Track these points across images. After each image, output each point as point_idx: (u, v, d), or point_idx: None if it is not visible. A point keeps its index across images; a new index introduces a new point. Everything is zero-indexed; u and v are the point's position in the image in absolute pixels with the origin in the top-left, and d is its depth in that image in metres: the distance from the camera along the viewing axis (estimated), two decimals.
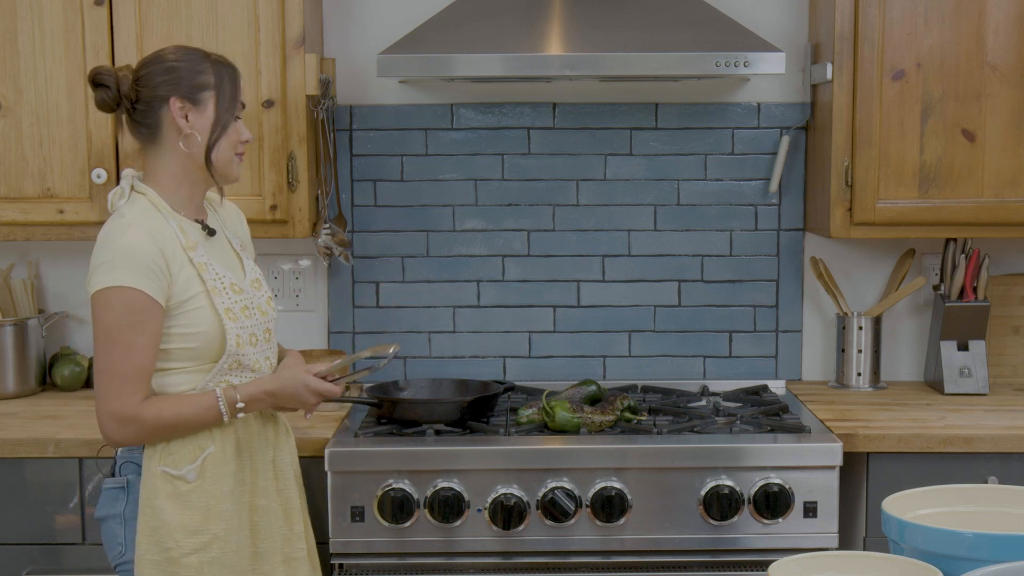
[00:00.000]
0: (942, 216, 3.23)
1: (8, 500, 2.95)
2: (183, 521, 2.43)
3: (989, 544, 1.76)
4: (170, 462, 2.44)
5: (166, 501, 2.43)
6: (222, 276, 2.49)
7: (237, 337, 2.47)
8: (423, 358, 3.61)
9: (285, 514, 2.59)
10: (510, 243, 3.58)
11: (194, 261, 2.45)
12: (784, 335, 3.62)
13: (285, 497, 2.60)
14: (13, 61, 3.13)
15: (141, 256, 2.37)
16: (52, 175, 3.17)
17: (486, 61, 3.08)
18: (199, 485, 2.45)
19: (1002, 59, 3.18)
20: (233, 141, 2.51)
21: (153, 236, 2.40)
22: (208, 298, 2.44)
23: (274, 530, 2.56)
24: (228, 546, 2.46)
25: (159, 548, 2.43)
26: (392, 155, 3.56)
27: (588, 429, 3.02)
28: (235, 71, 2.54)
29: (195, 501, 2.44)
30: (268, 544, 2.55)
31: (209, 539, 2.44)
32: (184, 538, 2.43)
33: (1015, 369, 3.56)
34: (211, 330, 2.44)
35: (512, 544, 2.90)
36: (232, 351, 2.46)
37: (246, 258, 2.63)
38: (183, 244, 2.45)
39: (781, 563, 1.81)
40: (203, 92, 2.47)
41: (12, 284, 3.47)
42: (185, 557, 2.42)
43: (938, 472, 2.94)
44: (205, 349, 2.45)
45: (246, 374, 2.52)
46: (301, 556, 2.61)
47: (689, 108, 3.55)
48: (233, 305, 2.48)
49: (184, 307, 2.43)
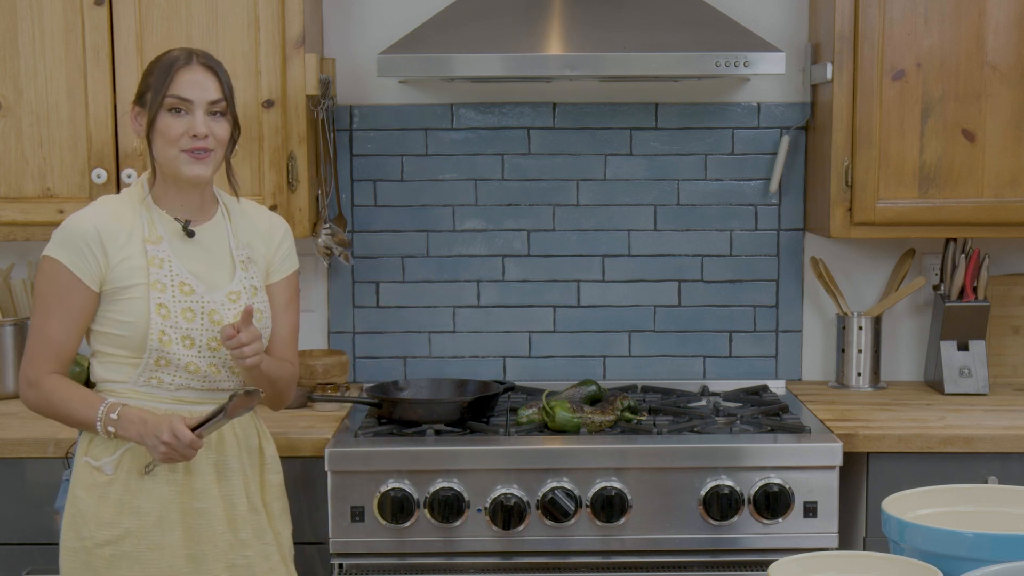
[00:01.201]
0: (942, 216, 3.23)
1: (8, 500, 2.95)
2: (98, 512, 2.47)
3: (989, 544, 1.76)
4: (93, 453, 2.50)
5: (84, 491, 2.49)
6: (175, 274, 2.48)
7: (161, 333, 2.45)
8: (423, 358, 3.61)
9: (228, 519, 2.53)
10: (510, 243, 3.58)
11: (148, 253, 2.47)
12: (784, 335, 3.62)
13: (229, 503, 2.54)
14: (13, 61, 3.13)
15: (76, 235, 2.45)
16: (52, 175, 3.17)
17: (486, 61, 3.08)
18: (115, 478, 2.48)
19: (1002, 59, 3.18)
20: (170, 138, 2.45)
21: (100, 216, 2.47)
22: (146, 291, 2.46)
23: (215, 535, 2.51)
24: (143, 543, 2.47)
25: (76, 536, 2.49)
26: (392, 155, 3.56)
27: (588, 429, 3.02)
28: (173, 64, 2.46)
29: (111, 494, 2.48)
30: (208, 548, 2.51)
31: (121, 533, 2.47)
32: (97, 529, 2.47)
33: (1015, 369, 3.56)
34: (137, 321, 2.46)
35: (512, 544, 2.90)
36: (154, 346, 2.45)
37: (243, 270, 2.57)
38: (144, 235, 2.48)
39: (781, 563, 1.81)
40: (146, 94, 2.49)
41: (12, 284, 3.47)
42: (98, 548, 2.47)
43: (938, 472, 2.94)
44: (131, 340, 2.47)
45: (180, 374, 2.49)
46: (244, 564, 2.54)
47: (689, 108, 3.55)
48: (171, 302, 2.46)
49: (121, 295, 2.46)
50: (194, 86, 2.46)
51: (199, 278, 2.51)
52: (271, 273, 2.65)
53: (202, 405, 2.51)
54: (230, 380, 2.56)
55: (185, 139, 2.45)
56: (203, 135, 2.45)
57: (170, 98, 2.44)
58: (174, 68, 2.45)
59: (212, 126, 2.47)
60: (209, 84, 2.47)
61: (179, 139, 2.45)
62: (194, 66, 2.47)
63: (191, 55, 2.49)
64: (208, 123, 2.46)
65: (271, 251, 2.65)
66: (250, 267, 2.59)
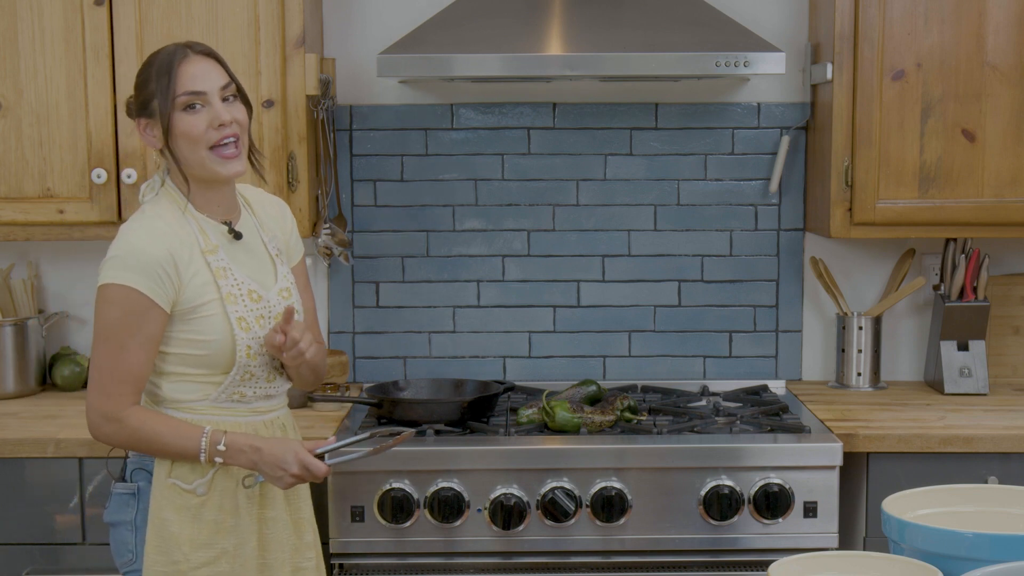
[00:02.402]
0: (942, 216, 3.23)
1: (8, 500, 2.95)
2: (192, 535, 2.39)
3: (989, 544, 1.76)
4: (180, 475, 2.39)
5: (175, 514, 2.39)
6: (241, 282, 2.41)
7: (248, 348, 2.39)
8: (423, 358, 3.61)
9: (294, 524, 2.52)
10: (510, 243, 3.58)
11: (211, 265, 2.38)
12: (784, 335, 3.62)
13: (294, 507, 2.53)
14: (13, 61, 3.13)
15: (148, 258, 2.31)
16: (52, 175, 3.17)
17: (486, 61, 3.08)
18: (209, 499, 2.40)
19: (1002, 59, 3.18)
20: (195, 137, 2.34)
21: (166, 237, 2.34)
22: (221, 306, 2.37)
23: (283, 541, 2.49)
24: (237, 560, 2.43)
25: (167, 560, 2.39)
26: (392, 155, 3.55)
27: (588, 429, 3.02)
28: (171, 60, 2.34)
29: (205, 515, 2.40)
30: (277, 555, 2.48)
31: (218, 553, 2.41)
32: (192, 552, 2.39)
33: (1015, 369, 3.56)
34: (221, 339, 2.37)
35: (512, 544, 2.90)
36: (242, 362, 2.39)
37: (281, 264, 2.52)
38: (202, 247, 2.38)
39: (781, 563, 1.81)
40: (151, 103, 2.35)
41: (12, 284, 3.47)
42: (193, 571, 2.39)
43: (938, 472, 2.94)
44: (215, 358, 2.38)
45: (261, 386, 2.46)
46: (310, 566, 2.54)
47: (689, 108, 3.55)
48: (247, 314, 2.40)
49: (195, 313, 2.36)
50: (201, 76, 2.35)
51: (259, 282, 2.45)
52: (290, 258, 2.60)
53: (272, 413, 2.49)
54: (287, 381, 2.53)
55: (211, 133, 2.34)
56: (228, 121, 2.35)
57: (182, 96, 2.33)
58: (175, 65, 2.34)
59: (232, 111, 2.37)
60: (213, 71, 2.37)
61: (204, 135, 2.34)
62: (192, 58, 2.36)
63: (185, 48, 2.37)
64: (228, 109, 2.37)
65: (286, 235, 2.60)
66: (283, 259, 2.55)
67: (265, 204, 2.59)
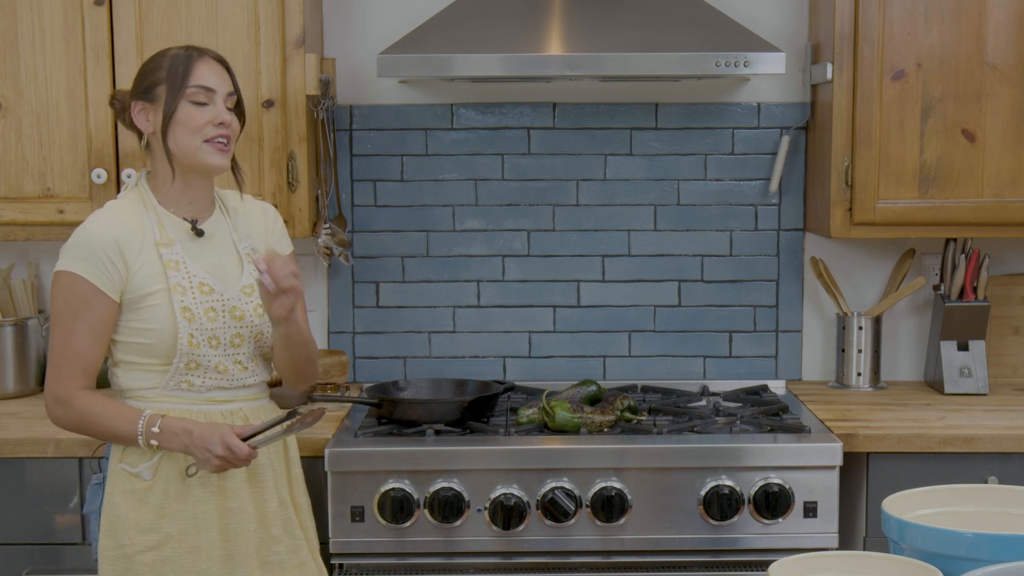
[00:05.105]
0: (942, 216, 3.23)
1: (8, 500, 2.95)
2: (137, 518, 2.47)
3: (989, 544, 1.76)
4: (129, 460, 2.48)
5: (123, 498, 2.48)
6: (194, 275, 2.48)
7: (190, 337, 2.45)
8: (423, 358, 3.61)
9: (259, 517, 2.55)
10: (510, 243, 3.58)
11: (163, 258, 2.46)
12: (784, 335, 3.62)
13: (260, 500, 2.55)
14: (13, 61, 3.13)
15: (92, 245, 2.42)
16: (52, 175, 3.17)
17: (486, 61, 3.08)
18: (154, 483, 2.47)
19: (1002, 59, 3.18)
20: (194, 128, 2.46)
21: (115, 227, 2.44)
22: (168, 296, 2.45)
23: (247, 533, 2.53)
24: (183, 546, 2.47)
25: (116, 544, 2.47)
26: (392, 155, 3.56)
27: (588, 429, 3.02)
28: (189, 56, 2.48)
29: (150, 499, 2.47)
30: (241, 547, 2.52)
31: (162, 538, 2.46)
32: (138, 535, 2.46)
33: (1015, 369, 3.56)
34: (165, 328, 2.45)
35: (512, 544, 2.90)
36: (184, 350, 2.46)
37: (248, 264, 2.58)
38: (156, 239, 2.47)
39: (781, 563, 1.81)
40: (156, 88, 2.47)
41: (12, 284, 3.47)
42: (139, 554, 2.46)
43: (938, 472, 2.94)
44: (160, 347, 2.46)
45: (210, 375, 2.50)
46: (276, 560, 2.56)
47: (689, 108, 3.55)
48: (194, 305, 2.47)
49: (142, 303, 2.45)
50: (215, 76, 2.49)
51: (214, 276, 2.52)
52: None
53: (232, 404, 2.54)
54: (255, 375, 2.58)
55: (209, 128, 2.46)
56: (228, 122, 2.48)
57: (194, 88, 2.46)
58: (193, 60, 2.47)
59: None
60: (225, 77, 2.52)
61: (203, 128, 2.46)
62: (207, 59, 2.50)
63: (200, 50, 2.51)
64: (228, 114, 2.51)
65: (268, 235, 2.67)
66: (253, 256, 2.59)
67: (246, 207, 2.66)
